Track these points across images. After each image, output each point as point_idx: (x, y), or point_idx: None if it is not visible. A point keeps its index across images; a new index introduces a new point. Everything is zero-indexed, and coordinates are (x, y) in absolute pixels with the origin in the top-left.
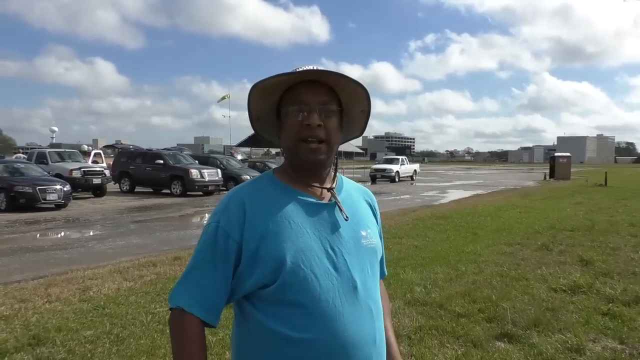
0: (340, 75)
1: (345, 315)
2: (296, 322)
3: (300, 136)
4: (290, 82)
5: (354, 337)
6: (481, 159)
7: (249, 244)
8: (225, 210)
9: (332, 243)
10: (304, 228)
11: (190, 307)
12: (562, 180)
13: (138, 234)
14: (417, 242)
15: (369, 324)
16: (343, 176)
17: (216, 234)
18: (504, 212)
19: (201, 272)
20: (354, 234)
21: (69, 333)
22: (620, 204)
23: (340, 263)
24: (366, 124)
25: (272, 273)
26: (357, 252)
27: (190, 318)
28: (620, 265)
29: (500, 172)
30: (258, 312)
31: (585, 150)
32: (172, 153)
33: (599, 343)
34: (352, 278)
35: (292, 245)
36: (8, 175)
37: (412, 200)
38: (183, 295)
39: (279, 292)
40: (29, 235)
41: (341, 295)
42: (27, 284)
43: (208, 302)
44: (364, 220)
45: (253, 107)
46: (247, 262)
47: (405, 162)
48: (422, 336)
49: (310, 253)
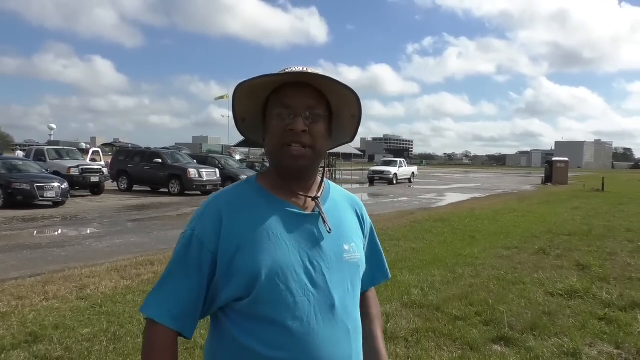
0: (329, 79)
1: (320, 334)
2: (268, 339)
3: (283, 141)
4: (277, 84)
5: (328, 358)
6: (479, 162)
7: (225, 255)
8: (201, 218)
9: (311, 257)
10: (283, 240)
11: (160, 317)
12: (559, 185)
13: (136, 233)
14: (414, 244)
15: (345, 344)
16: (331, 183)
17: (190, 243)
18: (501, 216)
19: (174, 282)
20: (337, 248)
21: (66, 331)
22: (617, 209)
23: (318, 279)
24: (357, 130)
25: (246, 286)
26: (338, 267)
27: (161, 329)
28: (616, 270)
29: (498, 176)
30: (232, 326)
31: (582, 155)
32: (171, 152)
33: (595, 348)
34: (331, 295)
35: (268, 258)
36: (6, 172)
37: (410, 203)
38: (155, 305)
39: (253, 307)
40: (27, 233)
41: (317, 313)
42: (24, 281)
43: (181, 313)
44: (348, 233)
45: (238, 108)
46: (222, 273)
47: (403, 165)
48: (419, 338)
49: (287, 267)
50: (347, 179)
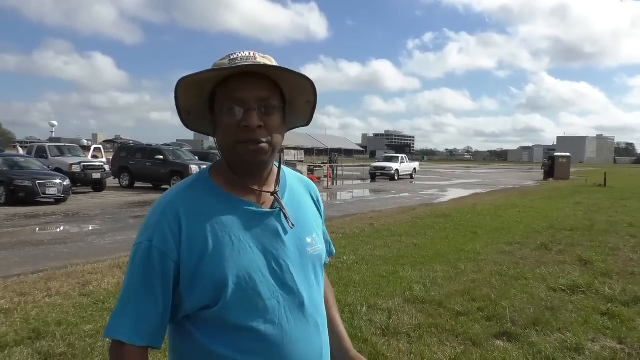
0: (281, 69)
1: (293, 335)
2: (241, 345)
3: (237, 138)
4: (224, 74)
5: (301, 356)
6: (481, 158)
7: (187, 264)
8: (158, 226)
9: (277, 257)
10: (247, 243)
11: (131, 339)
12: (561, 180)
13: (137, 229)
14: (416, 240)
15: (316, 340)
16: (285, 167)
17: (150, 255)
18: (503, 212)
19: (138, 300)
20: (299, 242)
21: (68, 327)
22: (620, 204)
23: (286, 279)
24: (312, 114)
25: (213, 295)
26: (301, 262)
27: (130, 349)
28: (619, 265)
29: (500, 171)
30: (199, 334)
31: (584, 150)
32: (172, 149)
33: (598, 343)
34: (300, 294)
35: (234, 264)
36: (8, 169)
37: (412, 199)
38: (121, 327)
39: (222, 314)
40: (29, 229)
41: (287, 314)
42: (27, 277)
43: (149, 329)
44: (310, 224)
45: (182, 102)
46: (185, 282)
47: (404, 161)
48: (421, 334)
49: (254, 271)
50: (348, 175)
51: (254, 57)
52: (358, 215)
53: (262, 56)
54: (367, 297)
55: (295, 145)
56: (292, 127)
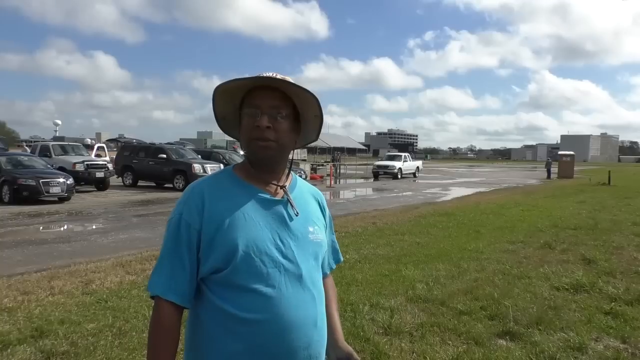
0: (289, 84)
1: (290, 300)
2: (246, 304)
3: (251, 135)
4: (250, 87)
5: (296, 319)
6: (484, 156)
7: (207, 233)
8: (187, 203)
9: (281, 235)
10: (257, 221)
11: (165, 294)
12: (565, 178)
13: (140, 228)
14: (419, 239)
15: (311, 308)
16: (298, 177)
17: (179, 225)
18: (506, 210)
19: (170, 262)
20: (303, 229)
21: (71, 326)
22: (624, 203)
23: (288, 253)
24: (320, 128)
25: (225, 259)
26: (304, 244)
27: (166, 305)
28: (623, 264)
29: (503, 170)
30: (211, 294)
31: (588, 148)
32: (175, 147)
33: (601, 342)
34: (299, 267)
35: (244, 235)
36: (11, 168)
37: (415, 197)
38: (158, 284)
39: (231, 277)
40: (32, 228)
41: (287, 282)
42: (30, 276)
43: (181, 287)
44: (312, 218)
45: (218, 109)
46: (204, 248)
47: (407, 159)
48: (423, 333)
49: (261, 243)
50: (351, 174)
51: (275, 76)
52: (361, 214)
53: (282, 76)
54: (369, 296)
55: None
56: (306, 142)
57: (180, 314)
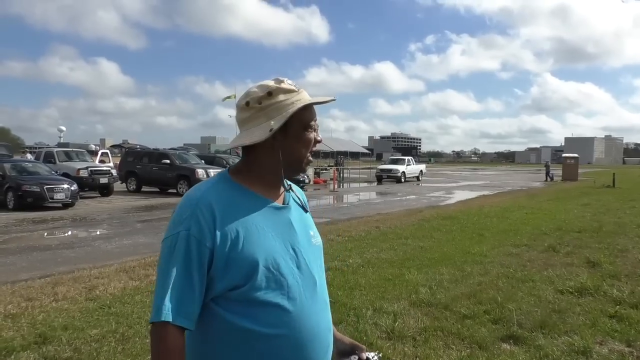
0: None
1: (310, 309)
2: (268, 319)
3: (309, 150)
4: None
5: (318, 328)
6: (488, 159)
7: (221, 249)
8: (193, 217)
9: (292, 244)
10: (268, 231)
11: (175, 319)
12: (569, 181)
13: (144, 234)
14: (422, 242)
15: (326, 314)
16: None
17: (188, 243)
18: (510, 213)
19: (180, 283)
20: (306, 234)
21: (75, 332)
22: (629, 205)
23: (301, 262)
24: None
25: (245, 276)
26: (311, 250)
27: (173, 330)
28: (627, 267)
29: (507, 172)
30: (225, 312)
31: (593, 151)
32: (179, 153)
33: (606, 346)
34: (312, 275)
35: (262, 249)
36: (16, 174)
37: (418, 201)
38: (167, 310)
39: (250, 293)
40: (37, 234)
41: (305, 292)
42: (34, 282)
43: (189, 311)
44: (309, 221)
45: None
46: (218, 267)
47: (411, 163)
48: (427, 337)
49: (277, 255)
50: (354, 178)
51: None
52: (364, 218)
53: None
54: (372, 301)
55: None
56: None
57: (184, 340)
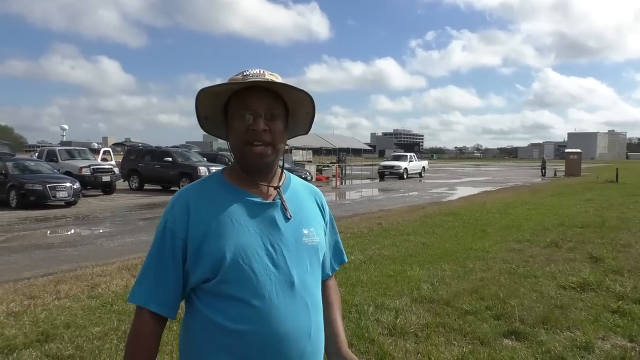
0: (283, 86)
1: (281, 309)
2: (234, 314)
3: (246, 140)
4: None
5: (288, 330)
6: (490, 155)
7: (193, 242)
8: (171, 211)
9: (272, 241)
10: (246, 226)
11: (146, 303)
12: (572, 176)
13: (146, 231)
14: (424, 239)
15: (304, 318)
16: (292, 175)
17: (164, 234)
18: (513, 209)
19: (154, 270)
20: (296, 232)
21: (77, 329)
22: (632, 201)
23: (279, 259)
24: (311, 124)
25: (213, 268)
26: (297, 249)
27: (148, 316)
28: (630, 262)
29: (510, 168)
30: (201, 304)
31: (596, 146)
32: (181, 150)
33: (608, 341)
34: (290, 274)
35: (232, 242)
36: (19, 173)
37: (421, 197)
38: (139, 293)
39: (219, 286)
40: (39, 233)
41: (278, 290)
42: (36, 280)
43: (163, 297)
44: (308, 219)
45: (201, 109)
46: (191, 258)
47: (413, 159)
48: (428, 333)
49: (250, 250)
50: (357, 174)
51: (263, 74)
52: (366, 215)
53: (270, 73)
54: (374, 297)
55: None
56: (293, 135)
57: (162, 325)
